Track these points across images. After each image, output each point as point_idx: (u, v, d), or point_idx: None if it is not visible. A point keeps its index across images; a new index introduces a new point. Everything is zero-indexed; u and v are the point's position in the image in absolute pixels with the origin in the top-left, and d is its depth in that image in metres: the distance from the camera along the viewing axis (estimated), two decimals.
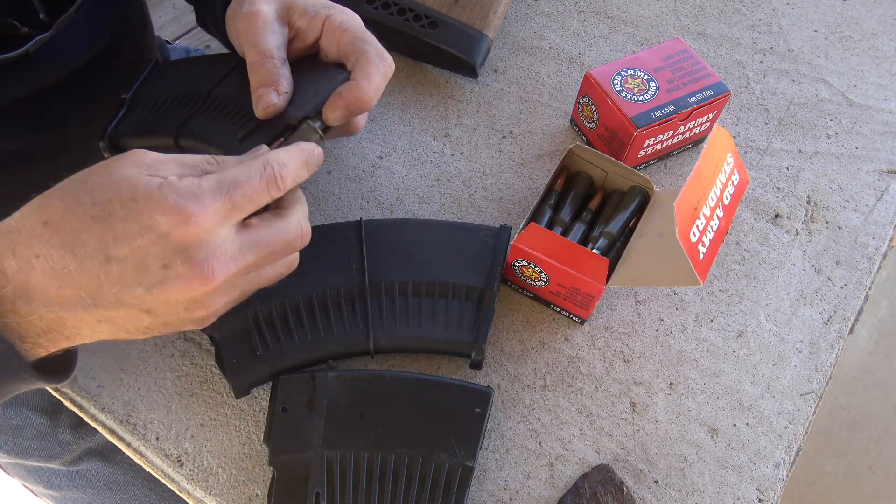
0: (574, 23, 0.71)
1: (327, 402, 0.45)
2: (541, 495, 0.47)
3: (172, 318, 0.37)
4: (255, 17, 0.47)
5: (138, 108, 0.55)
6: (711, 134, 0.48)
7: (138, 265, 0.35)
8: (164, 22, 1.57)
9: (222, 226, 0.36)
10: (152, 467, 0.48)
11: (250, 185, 0.38)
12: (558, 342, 0.53)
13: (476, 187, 0.60)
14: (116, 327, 0.37)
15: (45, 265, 0.35)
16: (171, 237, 0.35)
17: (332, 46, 0.49)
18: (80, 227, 0.35)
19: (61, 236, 0.35)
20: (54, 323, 0.36)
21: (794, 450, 0.50)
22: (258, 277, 0.40)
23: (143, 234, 0.35)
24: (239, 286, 0.39)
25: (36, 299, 0.35)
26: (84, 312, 0.36)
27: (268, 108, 0.46)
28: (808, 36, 0.72)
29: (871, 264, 0.58)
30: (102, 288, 0.35)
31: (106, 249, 0.35)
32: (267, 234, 0.38)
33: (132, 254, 0.35)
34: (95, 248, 0.35)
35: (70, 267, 0.35)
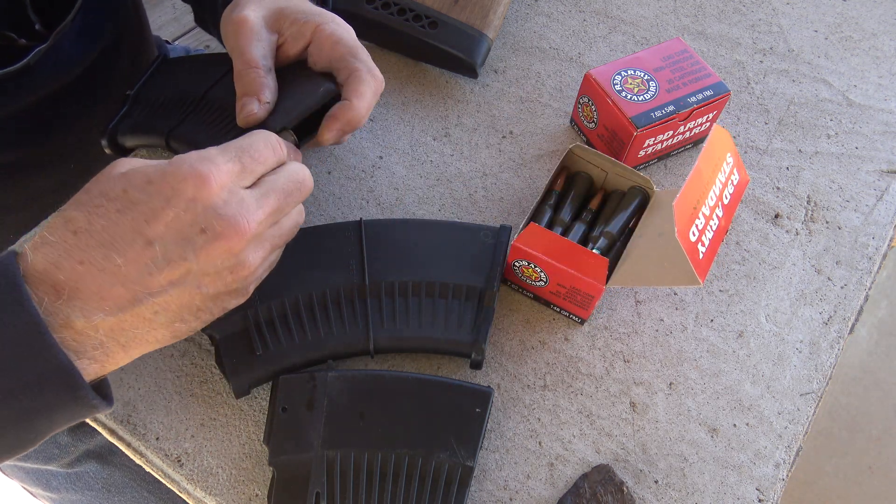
0: (574, 23, 0.71)
1: (327, 402, 0.45)
2: (541, 495, 0.47)
3: (220, 286, 0.38)
4: (242, 24, 0.47)
5: (139, 106, 0.55)
6: (711, 134, 0.48)
7: (178, 237, 0.36)
8: (164, 22, 1.57)
9: (238, 183, 0.38)
10: (152, 467, 0.48)
11: (255, 148, 0.39)
12: (558, 342, 0.53)
13: (476, 187, 0.60)
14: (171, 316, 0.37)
15: (93, 268, 0.35)
16: (197, 201, 0.36)
17: (322, 57, 0.49)
18: (110, 223, 0.35)
19: (97, 238, 0.35)
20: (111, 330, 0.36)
21: (794, 450, 0.50)
22: (279, 230, 0.41)
23: (170, 205, 0.35)
24: (268, 239, 0.40)
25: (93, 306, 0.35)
26: (141, 307, 0.36)
27: (248, 118, 0.46)
28: (808, 36, 0.72)
29: (871, 264, 0.58)
30: (152, 273, 0.35)
31: (143, 233, 0.35)
32: (277, 178, 0.40)
33: (168, 228, 0.35)
34: (132, 236, 0.35)
35: (117, 262, 0.35)
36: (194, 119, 0.52)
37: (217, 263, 0.37)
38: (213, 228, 0.36)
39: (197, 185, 0.36)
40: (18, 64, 0.54)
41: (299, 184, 0.41)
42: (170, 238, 0.35)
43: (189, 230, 0.36)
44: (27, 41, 0.55)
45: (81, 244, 0.35)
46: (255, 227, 0.38)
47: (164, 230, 0.35)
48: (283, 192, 0.40)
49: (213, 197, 0.36)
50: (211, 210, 0.36)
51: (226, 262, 0.37)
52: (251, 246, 0.38)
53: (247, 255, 0.38)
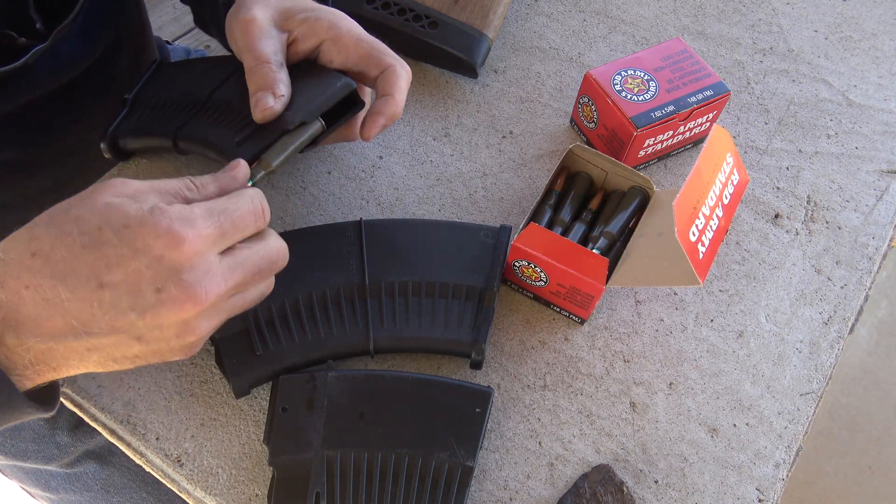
0: (574, 23, 0.71)
1: (327, 402, 0.45)
2: (541, 495, 0.47)
3: (162, 345, 0.37)
4: (250, 24, 0.47)
5: (139, 109, 0.55)
6: (711, 134, 0.48)
7: (132, 290, 0.35)
8: (164, 22, 1.57)
9: (211, 250, 0.37)
10: (152, 467, 0.48)
11: (238, 215, 0.38)
12: (558, 342, 0.53)
13: (476, 187, 0.60)
14: (105, 356, 0.37)
15: (36, 296, 0.34)
16: (164, 260, 0.35)
17: (341, 54, 0.49)
18: (71, 256, 0.35)
19: (52, 267, 0.35)
20: (42, 354, 0.36)
21: (794, 450, 0.50)
22: (241, 300, 0.40)
23: (136, 258, 0.35)
24: (225, 309, 0.39)
25: (26, 330, 0.35)
26: (75, 342, 0.35)
27: (265, 112, 0.46)
28: (808, 36, 0.72)
29: (871, 264, 0.58)
30: (95, 315, 0.35)
31: (99, 276, 0.35)
32: (251, 254, 0.39)
33: (126, 279, 0.35)
34: (88, 275, 0.35)
35: (62, 296, 0.34)
36: (202, 118, 0.51)
37: (163, 325, 0.36)
38: (168, 291, 0.35)
39: (169, 245, 0.35)
40: (17, 63, 0.54)
41: (272, 263, 0.41)
42: (124, 288, 0.35)
43: (145, 286, 0.35)
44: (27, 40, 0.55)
45: (34, 268, 0.35)
46: (213, 299, 0.37)
47: (121, 279, 0.35)
48: (252, 269, 0.39)
49: (182, 260, 0.35)
50: (174, 272, 0.35)
51: (173, 326, 0.36)
52: (203, 315, 0.37)
53: (197, 323, 0.37)
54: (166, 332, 0.37)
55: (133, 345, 0.37)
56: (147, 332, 0.36)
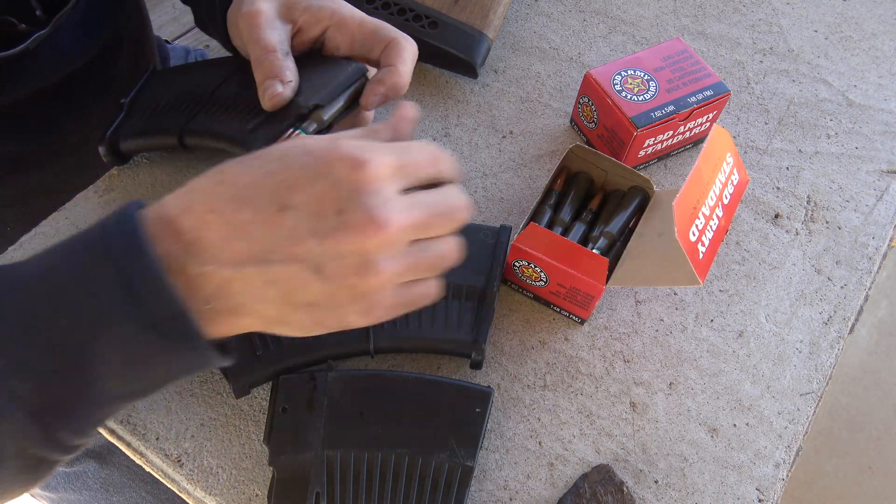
0: (574, 23, 0.71)
1: (327, 402, 0.45)
2: (541, 495, 0.47)
3: (342, 285, 0.35)
4: (255, 16, 0.47)
5: (138, 113, 0.55)
6: (711, 134, 0.48)
7: (313, 212, 0.34)
8: (164, 22, 1.57)
9: (392, 180, 0.36)
10: (152, 467, 0.48)
11: (418, 153, 0.37)
12: (558, 342, 0.53)
13: (476, 187, 0.60)
14: (283, 294, 0.35)
15: (221, 219, 0.34)
16: (346, 182, 0.34)
17: (346, 39, 0.49)
18: (254, 181, 0.35)
19: (236, 191, 0.35)
20: (221, 286, 0.34)
21: (794, 450, 0.50)
22: (423, 251, 0.38)
23: (318, 179, 0.34)
24: (407, 254, 0.37)
25: (209, 256, 0.34)
26: (254, 270, 0.34)
27: (274, 98, 0.46)
28: (808, 36, 0.72)
29: (871, 264, 0.58)
30: (276, 239, 0.34)
31: (281, 198, 0.34)
32: (430, 195, 0.37)
33: (307, 201, 0.34)
34: (270, 198, 0.34)
35: (245, 217, 0.34)
36: (208, 113, 0.51)
37: (343, 254, 0.35)
38: (350, 213, 0.34)
39: (352, 167, 0.34)
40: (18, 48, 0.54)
41: (452, 208, 0.38)
42: (305, 210, 0.34)
43: (327, 208, 0.34)
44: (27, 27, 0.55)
45: (220, 193, 0.35)
46: (394, 230, 0.34)
47: (304, 201, 0.34)
48: (432, 210, 0.37)
49: (363, 184, 0.34)
50: (355, 195, 0.34)
51: (353, 256, 0.35)
52: (385, 250, 0.35)
53: (377, 259, 0.35)
54: (346, 265, 0.35)
55: (312, 280, 0.35)
56: (326, 262, 0.35)
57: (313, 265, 0.35)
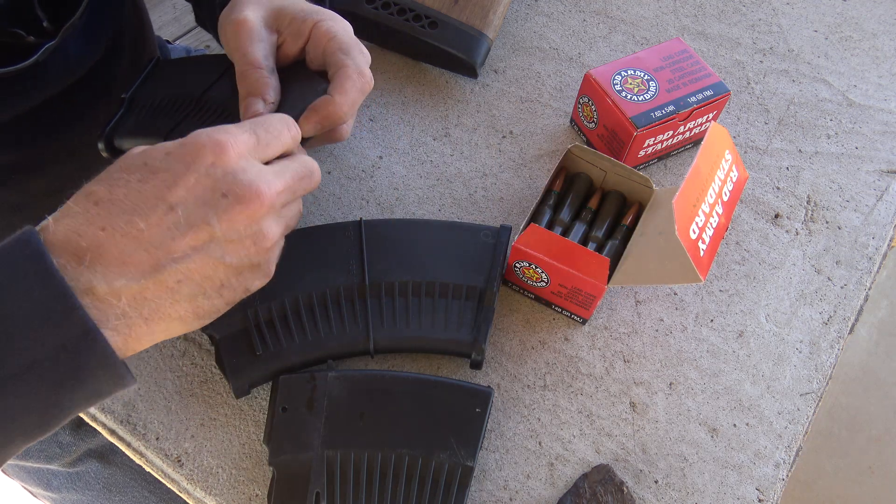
0: (574, 23, 0.71)
1: (327, 402, 0.45)
2: (541, 495, 0.47)
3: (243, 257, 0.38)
4: (241, 26, 0.47)
5: (136, 109, 0.55)
6: (709, 131, 0.48)
7: (199, 201, 0.36)
8: (165, 22, 1.57)
9: (254, 155, 0.39)
10: (152, 467, 0.48)
11: (271, 123, 0.41)
12: (558, 342, 0.53)
13: (476, 187, 0.60)
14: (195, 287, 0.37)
15: (115, 234, 0.35)
16: (216, 166, 0.37)
17: (318, 54, 0.49)
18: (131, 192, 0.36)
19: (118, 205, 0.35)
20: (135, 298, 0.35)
21: (794, 450, 0.50)
22: (290, 211, 0.42)
23: (190, 171, 0.36)
24: (284, 216, 0.40)
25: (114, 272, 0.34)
26: (164, 273, 0.36)
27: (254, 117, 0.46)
28: (808, 36, 0.72)
29: (871, 264, 0.58)
30: (174, 237, 0.35)
31: (164, 198, 0.36)
32: (289, 162, 0.41)
33: (189, 193, 0.36)
34: (154, 202, 0.35)
35: (139, 226, 0.35)
36: (194, 119, 0.52)
37: (239, 230, 0.37)
38: (234, 192, 0.36)
39: (215, 152, 0.36)
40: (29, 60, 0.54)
41: (310, 171, 0.42)
42: (191, 201, 0.36)
43: (210, 194, 0.36)
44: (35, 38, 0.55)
45: (103, 212, 0.35)
46: (275, 196, 0.38)
47: (186, 194, 0.36)
48: (296, 174, 0.41)
49: (232, 163, 0.37)
50: (231, 175, 0.37)
51: (248, 228, 0.37)
52: (271, 216, 0.39)
53: (268, 225, 0.38)
54: (244, 239, 0.38)
55: (217, 265, 0.37)
56: (226, 243, 0.37)
57: (216, 250, 0.37)
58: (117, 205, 0.35)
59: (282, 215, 0.40)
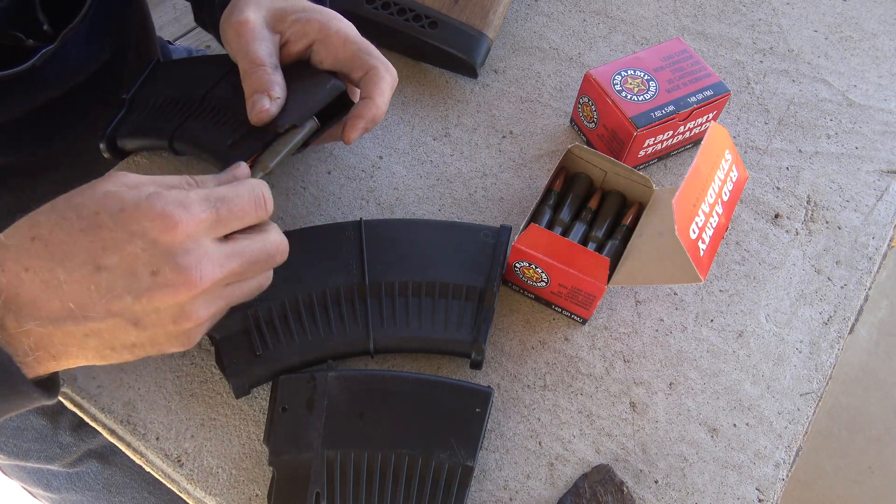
0: (574, 23, 0.71)
1: (327, 402, 0.45)
2: (541, 495, 0.47)
3: (160, 331, 0.37)
4: (244, 26, 0.47)
5: (137, 109, 0.55)
6: (709, 131, 0.48)
7: (127, 273, 0.35)
8: (165, 22, 1.57)
9: (207, 235, 0.37)
10: (152, 467, 0.48)
11: (238, 203, 0.39)
12: (558, 342, 0.53)
13: (476, 187, 0.60)
14: (103, 343, 0.37)
15: (35, 278, 0.35)
16: (158, 243, 0.35)
17: (332, 55, 0.49)
18: (69, 239, 0.35)
19: (50, 249, 0.35)
20: (42, 339, 0.36)
21: (794, 450, 0.50)
22: (239, 289, 0.40)
23: (131, 241, 0.35)
24: (222, 297, 0.39)
25: (26, 314, 0.35)
26: (73, 326, 0.36)
27: (261, 114, 0.46)
28: (808, 36, 0.72)
29: (871, 264, 0.58)
30: (92, 298, 0.35)
31: (95, 259, 0.35)
32: (250, 244, 0.39)
33: (121, 262, 0.35)
34: (84, 259, 0.35)
35: (60, 278, 0.35)
36: (197, 120, 0.52)
37: (159, 309, 0.36)
38: (164, 274, 0.35)
39: (162, 228, 0.35)
40: (25, 64, 0.54)
41: (270, 256, 0.41)
42: (119, 271, 0.35)
43: (141, 269, 0.35)
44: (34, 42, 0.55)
45: (33, 251, 0.35)
46: (208, 284, 0.37)
47: (117, 262, 0.35)
48: (250, 259, 0.39)
49: (175, 243, 0.36)
50: (168, 255, 0.36)
51: (169, 310, 0.37)
52: (200, 300, 0.37)
53: (193, 309, 0.37)
54: (163, 317, 0.37)
55: (130, 331, 0.37)
56: (143, 316, 0.36)
57: (130, 319, 0.36)
58: (49, 248, 0.35)
59: (219, 296, 0.39)
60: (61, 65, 0.59)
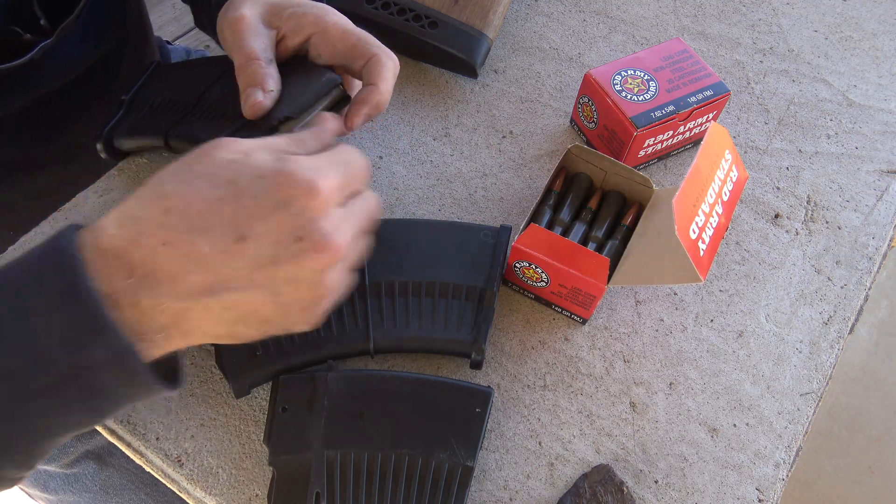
0: (574, 23, 0.71)
1: (327, 402, 0.45)
2: (541, 495, 0.47)
3: (296, 302, 0.36)
4: (239, 22, 0.47)
5: (135, 110, 0.55)
6: (709, 131, 0.48)
7: (273, 241, 0.34)
8: (164, 22, 1.57)
9: (338, 199, 0.37)
10: (152, 467, 0.48)
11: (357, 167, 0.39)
12: (558, 342, 0.53)
13: (476, 187, 0.60)
14: (240, 316, 0.36)
15: (175, 252, 0.33)
16: (305, 211, 0.35)
17: (330, 48, 0.49)
18: (209, 210, 0.34)
19: (189, 221, 0.33)
20: (177, 316, 0.34)
21: (794, 450, 0.50)
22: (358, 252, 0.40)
23: (278, 209, 0.34)
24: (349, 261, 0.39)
25: (163, 290, 0.33)
26: (213, 300, 0.34)
27: (254, 107, 0.46)
28: (808, 36, 0.72)
29: (871, 264, 0.58)
30: (237, 269, 0.34)
31: (239, 228, 0.34)
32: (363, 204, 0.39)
33: (267, 230, 0.34)
34: (227, 229, 0.34)
35: (203, 251, 0.33)
36: (193, 118, 0.52)
37: (300, 277, 0.35)
38: (310, 239, 0.35)
39: (308, 195, 0.35)
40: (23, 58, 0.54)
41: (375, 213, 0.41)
42: (266, 240, 0.34)
43: (286, 237, 0.34)
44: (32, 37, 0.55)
45: (170, 224, 0.33)
46: (344, 249, 0.36)
47: (263, 230, 0.34)
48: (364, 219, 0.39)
49: (319, 210, 0.35)
50: (311, 222, 0.35)
51: (310, 276, 0.36)
52: (336, 267, 0.37)
53: (330, 275, 0.36)
54: (301, 287, 0.36)
55: (269, 303, 0.36)
56: (284, 285, 0.35)
57: (272, 289, 0.35)
58: (187, 221, 0.33)
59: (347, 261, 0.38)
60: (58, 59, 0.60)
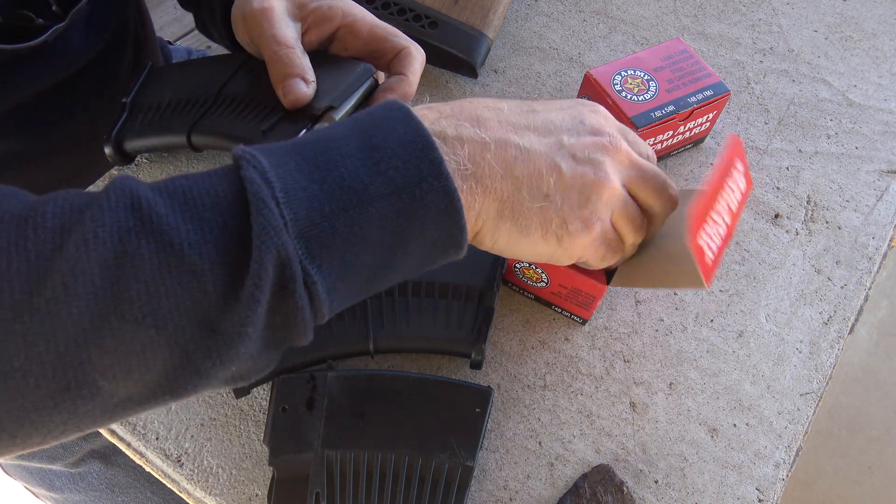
0: (574, 23, 0.71)
1: (327, 402, 0.45)
2: (541, 495, 0.47)
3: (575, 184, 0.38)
4: (268, 12, 0.47)
5: (141, 112, 0.55)
6: (725, 141, 0.47)
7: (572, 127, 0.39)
8: (165, 22, 1.57)
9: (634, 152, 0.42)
10: (152, 467, 0.48)
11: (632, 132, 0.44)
12: (558, 342, 0.53)
13: None
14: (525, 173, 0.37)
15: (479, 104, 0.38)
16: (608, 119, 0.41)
17: (358, 40, 0.50)
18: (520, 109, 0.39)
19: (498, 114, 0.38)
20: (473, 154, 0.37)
21: (794, 450, 0.50)
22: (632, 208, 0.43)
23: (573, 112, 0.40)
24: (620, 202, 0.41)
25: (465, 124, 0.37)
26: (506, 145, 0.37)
27: (299, 97, 0.46)
28: (808, 36, 0.72)
29: (871, 264, 0.58)
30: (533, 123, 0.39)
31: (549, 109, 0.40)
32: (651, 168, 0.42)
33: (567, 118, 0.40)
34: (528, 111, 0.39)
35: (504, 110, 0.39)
36: (217, 113, 0.51)
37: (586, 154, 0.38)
38: (600, 135, 0.39)
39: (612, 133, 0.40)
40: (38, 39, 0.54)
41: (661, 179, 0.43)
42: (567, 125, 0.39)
43: (583, 128, 0.39)
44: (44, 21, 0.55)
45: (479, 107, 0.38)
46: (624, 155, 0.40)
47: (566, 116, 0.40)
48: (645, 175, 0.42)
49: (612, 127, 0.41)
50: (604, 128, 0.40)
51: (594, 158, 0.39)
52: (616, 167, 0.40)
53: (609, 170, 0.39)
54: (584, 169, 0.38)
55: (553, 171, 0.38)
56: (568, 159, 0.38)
57: (557, 157, 0.38)
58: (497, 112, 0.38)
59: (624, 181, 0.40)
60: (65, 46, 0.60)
